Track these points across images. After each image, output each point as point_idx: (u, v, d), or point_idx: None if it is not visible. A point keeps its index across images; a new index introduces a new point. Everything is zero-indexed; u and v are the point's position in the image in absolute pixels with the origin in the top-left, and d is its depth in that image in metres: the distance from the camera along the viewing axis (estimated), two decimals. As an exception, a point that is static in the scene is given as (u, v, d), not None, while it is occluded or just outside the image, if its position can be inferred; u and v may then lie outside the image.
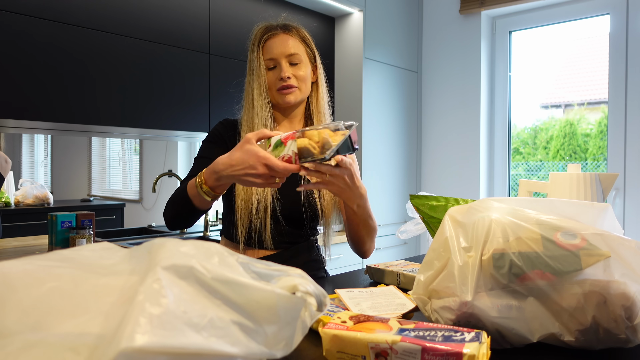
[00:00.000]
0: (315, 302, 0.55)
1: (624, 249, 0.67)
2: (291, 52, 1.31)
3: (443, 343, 0.59)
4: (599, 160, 2.81)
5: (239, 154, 1.01)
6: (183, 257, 0.48)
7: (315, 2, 2.72)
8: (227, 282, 0.49)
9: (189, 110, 2.26)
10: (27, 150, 6.22)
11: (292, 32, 1.34)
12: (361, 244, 1.32)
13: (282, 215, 1.31)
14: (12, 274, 0.47)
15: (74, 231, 1.96)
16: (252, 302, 0.49)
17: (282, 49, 1.31)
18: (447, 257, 0.74)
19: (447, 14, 3.16)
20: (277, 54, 1.31)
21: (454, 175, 3.15)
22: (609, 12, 2.70)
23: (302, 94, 1.35)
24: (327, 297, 0.57)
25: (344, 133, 0.96)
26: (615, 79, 2.66)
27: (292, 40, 1.33)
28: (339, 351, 0.63)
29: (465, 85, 3.09)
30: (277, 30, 1.33)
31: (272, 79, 1.32)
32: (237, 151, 1.02)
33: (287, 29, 1.34)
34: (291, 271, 0.57)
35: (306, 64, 1.34)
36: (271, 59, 1.31)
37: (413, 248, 3.26)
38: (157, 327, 0.42)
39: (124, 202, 4.79)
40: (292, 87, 1.32)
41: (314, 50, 1.39)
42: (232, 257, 0.54)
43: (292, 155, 0.99)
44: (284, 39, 1.32)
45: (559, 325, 0.67)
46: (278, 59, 1.31)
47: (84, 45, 1.94)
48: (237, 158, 1.01)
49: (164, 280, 0.45)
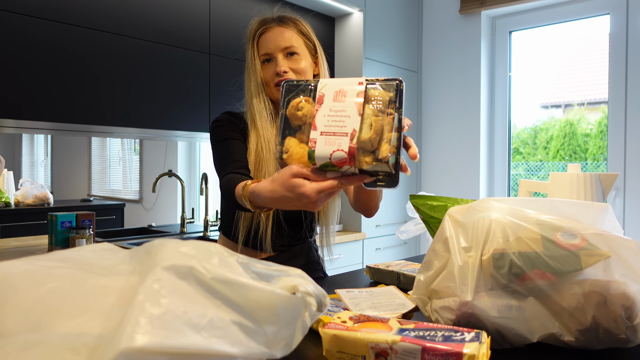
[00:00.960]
0: (315, 302, 0.55)
1: (624, 249, 0.67)
2: (287, 45, 1.24)
3: (443, 343, 0.59)
4: (599, 160, 2.81)
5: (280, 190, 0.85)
6: (183, 258, 0.48)
7: (315, 2, 2.72)
8: (227, 282, 0.49)
9: (189, 110, 2.26)
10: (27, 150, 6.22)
11: (288, 24, 1.28)
12: (370, 208, 1.24)
13: (285, 218, 1.29)
14: (12, 275, 0.47)
15: (74, 231, 1.96)
16: (252, 302, 0.49)
17: (277, 43, 1.24)
18: (447, 257, 0.74)
19: (447, 14, 3.16)
20: (273, 48, 1.25)
21: (454, 175, 3.15)
22: (609, 12, 2.70)
23: None
24: (327, 297, 0.57)
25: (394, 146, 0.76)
26: (615, 79, 2.66)
27: (288, 32, 1.26)
28: (339, 351, 0.63)
29: (465, 86, 3.09)
30: (272, 24, 1.27)
31: (269, 74, 1.26)
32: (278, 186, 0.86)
33: (283, 21, 1.28)
34: (291, 271, 0.57)
35: (305, 56, 1.28)
36: (267, 54, 1.26)
37: (413, 248, 3.26)
38: (157, 327, 0.42)
39: (124, 202, 4.79)
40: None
41: (313, 41, 1.32)
42: (232, 257, 0.54)
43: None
44: (278, 32, 1.25)
45: (559, 325, 0.67)
46: (273, 53, 1.25)
47: (84, 45, 1.94)
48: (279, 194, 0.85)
49: (164, 281, 0.45)
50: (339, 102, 0.79)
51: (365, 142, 0.76)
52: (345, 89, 0.80)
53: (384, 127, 0.76)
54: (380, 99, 0.78)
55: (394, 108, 0.77)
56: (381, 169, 0.76)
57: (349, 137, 0.76)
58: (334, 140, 0.77)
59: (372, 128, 0.76)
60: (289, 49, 1.25)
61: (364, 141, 0.76)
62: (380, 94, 0.78)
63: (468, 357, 0.57)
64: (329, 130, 0.78)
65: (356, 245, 2.79)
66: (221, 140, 1.25)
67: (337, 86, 0.80)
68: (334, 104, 0.79)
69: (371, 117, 0.77)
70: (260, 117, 1.26)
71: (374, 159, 0.76)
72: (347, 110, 0.78)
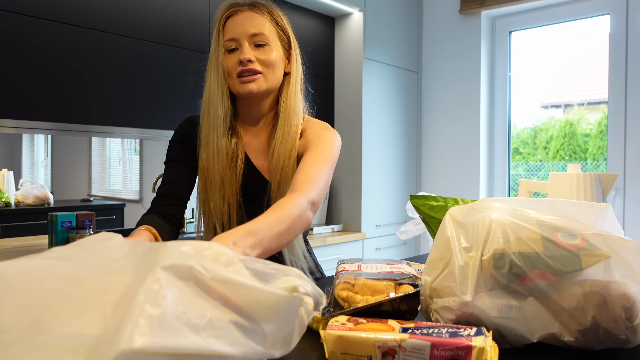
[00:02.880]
0: (313, 302, 0.55)
1: (624, 249, 0.66)
2: (256, 31, 1.08)
3: (451, 338, 0.59)
4: (599, 160, 2.81)
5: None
6: (183, 257, 0.48)
7: (315, 2, 2.72)
8: (227, 282, 0.49)
9: (189, 111, 2.26)
10: (27, 150, 6.22)
11: (262, 10, 1.11)
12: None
13: (247, 211, 1.17)
14: (9, 274, 0.46)
15: (74, 231, 1.96)
16: (251, 302, 0.49)
17: (246, 28, 1.08)
18: (449, 257, 0.74)
19: (447, 14, 3.16)
20: (239, 33, 1.08)
21: (454, 175, 3.14)
22: (609, 12, 2.69)
23: (267, 83, 1.10)
24: (324, 297, 0.57)
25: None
26: (615, 79, 2.65)
27: (258, 17, 1.09)
28: (343, 352, 0.63)
29: (465, 85, 3.09)
30: (242, 7, 1.10)
31: (232, 63, 1.09)
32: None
33: (255, 6, 1.11)
34: (289, 271, 0.57)
35: (276, 48, 1.11)
36: (232, 39, 1.08)
37: (413, 248, 3.26)
38: (157, 327, 0.42)
39: (124, 202, 4.79)
40: (255, 72, 1.08)
41: (288, 33, 1.15)
42: (233, 254, 0.54)
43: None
44: (248, 16, 1.09)
45: (559, 326, 0.67)
46: (240, 39, 1.08)
47: (84, 45, 1.94)
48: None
49: (164, 281, 0.45)
50: None
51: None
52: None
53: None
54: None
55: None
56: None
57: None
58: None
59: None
60: (258, 37, 1.08)
61: None
62: None
63: (478, 350, 0.57)
64: None
65: (356, 245, 2.79)
66: (169, 160, 1.19)
67: None
68: None
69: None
70: (214, 128, 1.11)
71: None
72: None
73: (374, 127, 2.93)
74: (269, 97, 1.16)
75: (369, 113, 2.89)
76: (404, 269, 0.84)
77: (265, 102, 1.16)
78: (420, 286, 0.74)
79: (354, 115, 2.87)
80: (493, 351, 0.59)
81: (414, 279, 0.77)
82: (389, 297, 0.72)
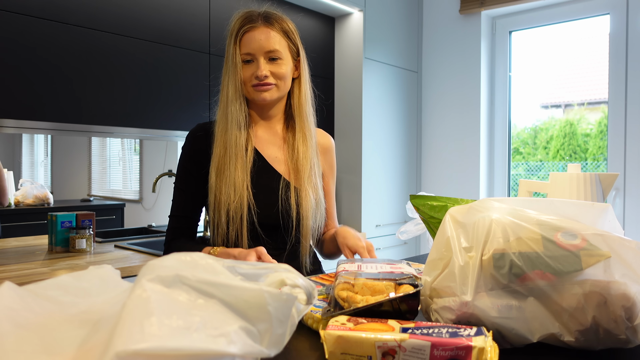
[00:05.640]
0: (305, 295, 0.55)
1: (624, 249, 0.66)
2: (271, 48, 1.21)
3: (451, 338, 0.59)
4: (599, 160, 2.81)
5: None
6: (166, 270, 0.48)
7: (315, 2, 2.72)
8: (214, 284, 0.49)
9: (189, 110, 2.26)
10: (27, 150, 6.22)
11: (274, 25, 1.23)
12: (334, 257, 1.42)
13: (260, 224, 1.23)
14: None
15: (74, 231, 1.96)
16: (241, 301, 0.49)
17: (262, 44, 1.20)
18: (449, 257, 0.74)
19: (447, 14, 3.16)
20: (256, 49, 1.20)
21: (454, 175, 3.14)
22: (609, 12, 2.69)
23: (279, 92, 1.25)
24: (316, 289, 0.57)
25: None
26: (615, 79, 2.65)
27: (273, 34, 1.21)
28: (343, 352, 0.63)
29: (465, 85, 3.09)
30: (257, 22, 1.22)
31: (248, 74, 1.22)
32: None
33: (269, 21, 1.22)
34: (277, 267, 0.57)
35: (287, 61, 1.24)
36: (249, 54, 1.21)
37: (413, 248, 3.26)
38: (149, 331, 0.42)
39: (124, 202, 4.79)
40: (269, 84, 1.23)
41: (297, 44, 1.28)
42: (217, 263, 0.54)
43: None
44: (263, 32, 1.21)
45: (559, 326, 0.67)
46: (256, 55, 1.21)
47: (84, 45, 1.94)
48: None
49: (150, 291, 0.45)
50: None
51: None
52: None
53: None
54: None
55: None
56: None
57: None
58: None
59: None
60: (273, 53, 1.21)
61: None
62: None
63: (478, 350, 0.57)
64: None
65: (356, 245, 2.78)
66: (178, 188, 1.33)
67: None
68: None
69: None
70: (233, 124, 1.24)
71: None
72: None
73: (374, 127, 2.93)
74: (281, 101, 1.32)
75: (369, 113, 2.89)
76: (404, 269, 0.84)
77: (278, 106, 1.32)
78: (420, 286, 0.75)
79: (354, 115, 2.87)
80: (493, 351, 0.59)
81: (414, 279, 0.77)
82: (389, 297, 0.72)
